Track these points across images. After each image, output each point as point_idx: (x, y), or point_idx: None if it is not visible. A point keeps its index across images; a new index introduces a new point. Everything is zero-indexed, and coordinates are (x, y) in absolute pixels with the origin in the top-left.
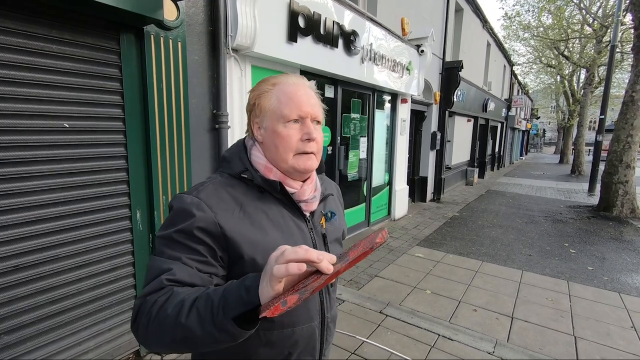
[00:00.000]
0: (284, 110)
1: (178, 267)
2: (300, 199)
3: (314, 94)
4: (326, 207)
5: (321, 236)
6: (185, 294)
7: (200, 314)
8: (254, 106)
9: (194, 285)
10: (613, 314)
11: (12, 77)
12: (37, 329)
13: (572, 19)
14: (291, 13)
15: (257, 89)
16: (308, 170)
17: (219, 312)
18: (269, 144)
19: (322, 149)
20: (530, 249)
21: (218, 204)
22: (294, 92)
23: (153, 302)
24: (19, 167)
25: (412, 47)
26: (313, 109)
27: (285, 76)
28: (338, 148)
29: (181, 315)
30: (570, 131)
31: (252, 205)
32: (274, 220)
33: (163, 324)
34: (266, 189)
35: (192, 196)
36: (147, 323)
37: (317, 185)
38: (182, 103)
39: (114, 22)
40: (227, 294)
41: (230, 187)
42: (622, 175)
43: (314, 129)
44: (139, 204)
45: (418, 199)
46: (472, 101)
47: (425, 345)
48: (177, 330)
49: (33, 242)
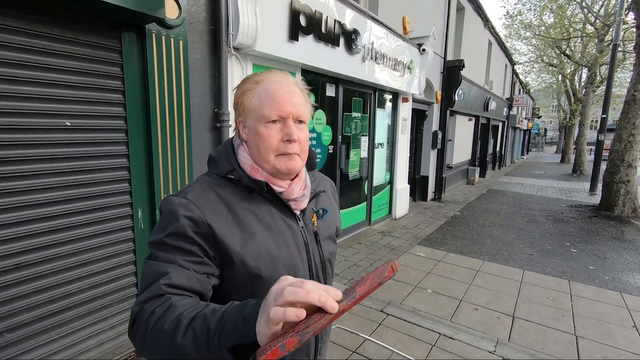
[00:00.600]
0: (264, 110)
1: (174, 271)
2: (289, 198)
3: (298, 92)
4: (318, 204)
5: (313, 234)
6: (184, 309)
7: (196, 336)
8: (238, 105)
9: (192, 290)
10: (614, 314)
11: (14, 75)
12: (39, 327)
13: (574, 17)
14: (292, 11)
15: (241, 86)
16: (291, 172)
17: (214, 339)
18: (252, 144)
19: (308, 148)
20: (531, 248)
21: (206, 205)
22: (275, 91)
23: (151, 312)
24: (20, 165)
25: (414, 46)
26: (295, 109)
27: (269, 73)
28: (339, 147)
29: (177, 334)
30: (571, 130)
31: (241, 206)
32: (263, 220)
33: (159, 339)
34: (254, 188)
35: (180, 197)
36: (144, 334)
37: (306, 183)
38: (184, 102)
39: (116, 20)
40: (224, 321)
41: (218, 188)
42: (624, 174)
43: (295, 129)
44: (141, 203)
45: (419, 198)
46: (474, 100)
47: (426, 344)
48: (172, 348)
49: (34, 241)
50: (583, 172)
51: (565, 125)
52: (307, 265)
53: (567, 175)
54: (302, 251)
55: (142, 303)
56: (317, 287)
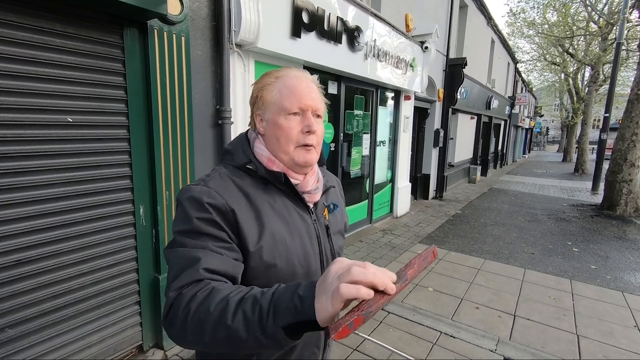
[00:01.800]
0: (285, 103)
1: (208, 256)
2: (304, 190)
3: (315, 88)
4: (328, 199)
5: (324, 228)
6: (228, 292)
7: (247, 317)
8: (257, 99)
9: (227, 274)
10: (616, 313)
11: (16, 70)
12: (40, 323)
13: (578, 16)
14: (295, 8)
15: (260, 81)
16: (308, 164)
17: (268, 318)
18: (271, 136)
19: (322, 143)
20: (532, 247)
21: (226, 192)
22: (295, 85)
23: (191, 296)
24: (21, 161)
25: (416, 43)
26: (314, 102)
27: (288, 69)
28: (341, 145)
29: (226, 316)
30: (574, 129)
31: (258, 196)
32: (278, 212)
33: (204, 322)
34: (270, 180)
35: (201, 186)
36: (185, 319)
37: (319, 176)
38: (186, 98)
39: (118, 16)
40: (276, 300)
41: (236, 178)
42: (627, 173)
43: (314, 122)
44: (142, 199)
45: (420, 197)
46: (476, 98)
47: (428, 342)
48: (219, 330)
49: (35, 237)
50: (585, 171)
51: (567, 124)
52: (318, 257)
53: (569, 174)
54: (314, 243)
55: (179, 289)
56: (379, 270)
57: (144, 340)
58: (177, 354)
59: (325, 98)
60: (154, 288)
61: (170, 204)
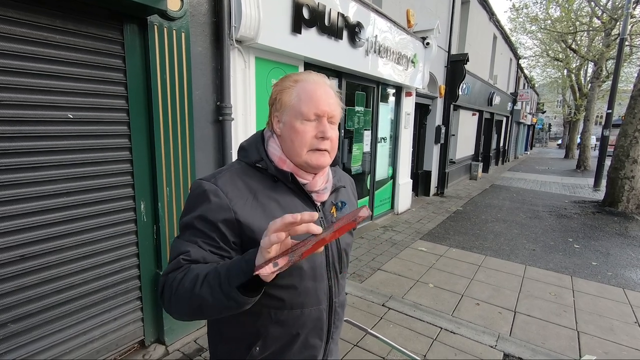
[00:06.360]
0: (302, 108)
1: (194, 250)
2: (312, 190)
3: (333, 94)
4: (338, 198)
5: (331, 224)
6: (199, 270)
7: (210, 285)
8: (275, 100)
9: (205, 262)
10: (617, 309)
11: (15, 67)
12: (43, 318)
13: (581, 11)
14: (295, 4)
15: (280, 84)
16: (320, 167)
17: (224, 282)
18: (286, 138)
19: (337, 147)
20: (534, 243)
21: (233, 191)
22: (314, 90)
23: (173, 278)
24: (22, 157)
25: (418, 39)
26: (330, 108)
27: (308, 74)
28: (342, 141)
29: (196, 287)
30: (576, 126)
31: (265, 194)
32: (285, 208)
33: (182, 296)
34: (279, 178)
35: (210, 182)
36: (170, 296)
37: (328, 177)
38: (186, 94)
39: (118, 12)
40: (230, 266)
41: (246, 176)
42: (629, 170)
43: (329, 128)
44: (143, 195)
45: (421, 193)
46: (478, 95)
47: (428, 338)
48: (193, 300)
49: (37, 233)
50: (587, 167)
51: (569, 121)
52: (324, 253)
53: (571, 170)
54: None
55: (166, 274)
56: (289, 214)
57: (146, 335)
58: (178, 349)
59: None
60: (155, 284)
61: (171, 200)
